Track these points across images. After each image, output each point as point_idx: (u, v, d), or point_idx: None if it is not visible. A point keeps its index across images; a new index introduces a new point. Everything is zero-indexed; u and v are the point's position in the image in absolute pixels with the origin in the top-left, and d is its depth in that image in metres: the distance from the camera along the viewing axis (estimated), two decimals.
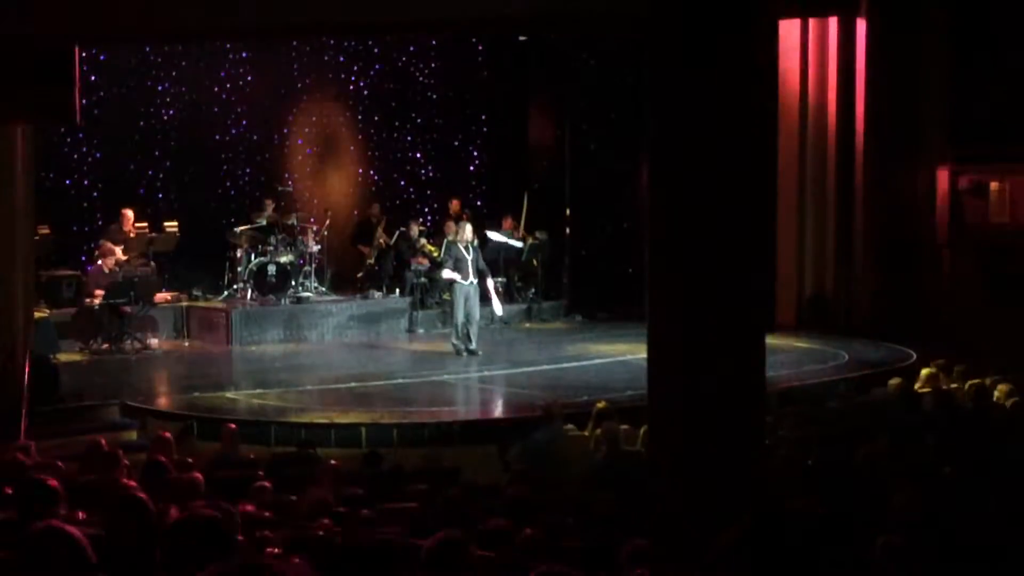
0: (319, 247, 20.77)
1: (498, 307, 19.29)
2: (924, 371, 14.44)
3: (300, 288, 20.28)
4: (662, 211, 7.78)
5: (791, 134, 21.02)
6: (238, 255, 20.20)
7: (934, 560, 7.00)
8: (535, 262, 22.10)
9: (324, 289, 20.85)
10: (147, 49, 20.69)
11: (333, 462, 11.08)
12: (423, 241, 21.50)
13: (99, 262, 18.64)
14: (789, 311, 21.03)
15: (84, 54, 19.46)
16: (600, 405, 12.64)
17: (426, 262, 21.12)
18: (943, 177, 20.58)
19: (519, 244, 21.62)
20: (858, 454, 10.36)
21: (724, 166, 7.52)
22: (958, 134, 20.36)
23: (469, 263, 18.00)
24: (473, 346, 18.03)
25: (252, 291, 19.84)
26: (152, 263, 19.55)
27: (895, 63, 20.41)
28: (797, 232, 21.07)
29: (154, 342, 18.54)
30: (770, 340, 9.73)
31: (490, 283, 18.76)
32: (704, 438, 7.67)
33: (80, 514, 7.56)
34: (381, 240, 21.64)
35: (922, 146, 20.52)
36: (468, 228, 18.43)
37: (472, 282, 18.05)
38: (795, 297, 21.12)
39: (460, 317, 17.97)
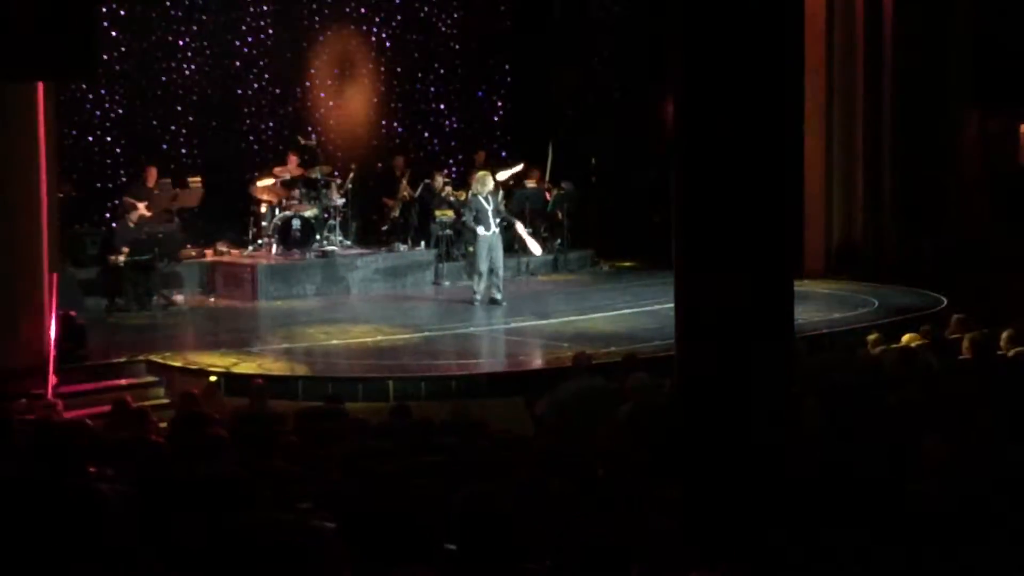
0: (343, 200, 20.70)
1: (535, 247, 19.73)
2: (954, 318, 14.31)
3: (325, 242, 20.23)
4: (688, 159, 7.68)
5: (818, 79, 20.84)
6: (262, 210, 20.16)
7: (966, 507, 6.93)
8: (560, 213, 22.00)
9: (349, 242, 20.79)
10: (167, 3, 20.62)
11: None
12: (448, 189, 21.40)
13: (123, 219, 18.64)
14: (818, 258, 20.92)
15: (104, 9, 19.47)
16: (624, 355, 12.58)
17: (451, 213, 21.05)
18: (972, 121, 20.38)
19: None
20: (889, 401, 10.28)
21: (752, 114, 7.42)
22: (986, 78, 20.15)
23: (490, 213, 17.99)
24: (499, 296, 18.04)
25: (277, 245, 19.81)
26: (176, 219, 19.53)
27: (923, 6, 20.20)
28: (825, 178, 20.93)
29: (179, 298, 18.53)
30: (799, 287, 9.67)
31: (519, 227, 19.15)
32: (732, 387, 7.60)
33: (109, 471, 7.55)
34: (405, 192, 21.57)
35: (950, 90, 20.33)
36: (489, 179, 18.39)
37: (494, 232, 18.07)
38: (823, 244, 21.01)
39: (483, 267, 17.99)
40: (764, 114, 7.53)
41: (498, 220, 18.23)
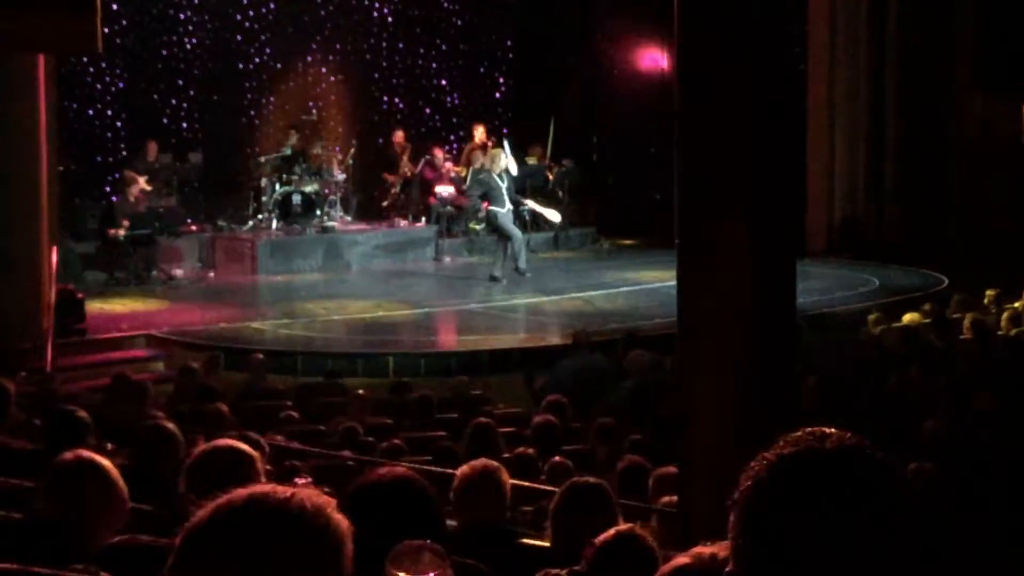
0: (344, 176, 20.65)
1: (553, 215, 20.12)
2: (955, 298, 14.32)
3: (326, 217, 20.18)
4: (690, 133, 7.64)
5: (821, 58, 20.78)
6: (263, 185, 20.11)
7: (965, 487, 6.93)
8: (561, 191, 21.95)
9: (350, 218, 20.75)
10: None
11: (360, 392, 11.05)
12: (449, 165, 21.34)
13: (124, 192, 18.61)
14: (820, 237, 20.89)
15: None
16: (623, 332, 12.60)
17: (452, 190, 20.99)
18: (974, 101, 20.32)
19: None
20: (889, 381, 10.27)
21: (754, 86, 7.37)
22: (989, 57, 20.09)
23: (504, 191, 17.94)
24: (499, 274, 18.01)
25: (277, 221, 19.76)
26: (176, 193, 19.50)
27: None
28: (828, 157, 20.89)
29: (179, 272, 18.51)
30: (800, 266, 9.64)
31: (531, 204, 19.64)
32: (733, 365, 7.56)
33: (108, 445, 7.54)
34: (406, 168, 21.52)
35: (954, 69, 20.26)
36: (502, 157, 18.32)
37: (510, 208, 18.05)
38: (826, 222, 20.97)
39: (518, 235, 18.01)
40: (767, 85, 7.49)
41: (511, 198, 18.19)
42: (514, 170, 18.97)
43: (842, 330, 14.12)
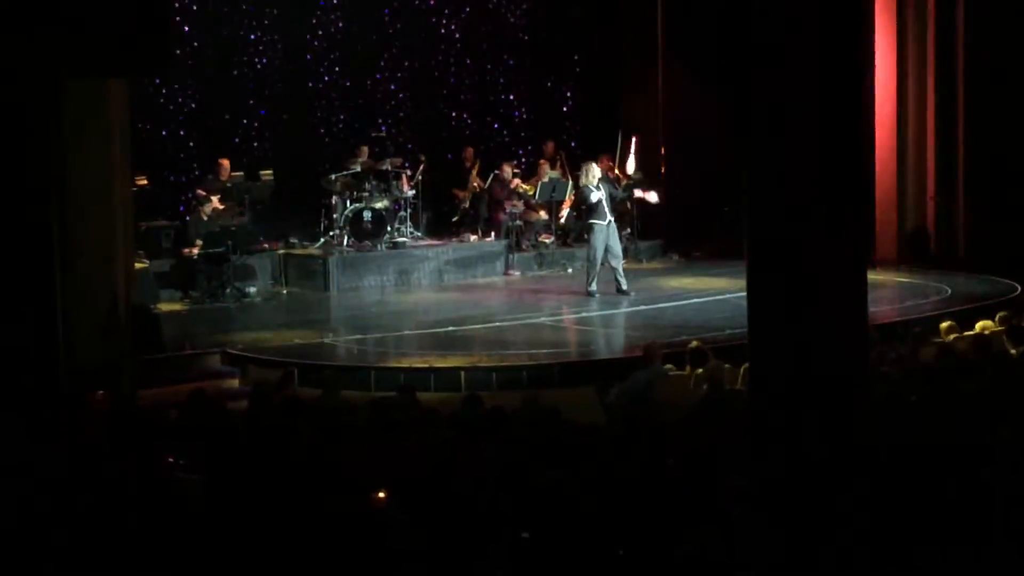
0: (414, 192, 20.78)
1: (652, 196, 20.08)
2: None
3: (396, 233, 20.32)
4: (760, 142, 7.67)
5: (889, 63, 20.68)
6: (333, 202, 20.28)
7: None
8: (630, 202, 21.92)
9: (420, 234, 20.87)
10: None
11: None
12: (517, 181, 21.44)
13: (197, 211, 18.83)
14: (890, 246, 20.76)
15: (177, 4, 19.68)
16: (694, 344, 12.58)
17: (521, 204, 21.09)
18: None
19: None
20: (962, 388, 10.21)
21: (823, 95, 7.40)
22: None
23: (604, 202, 17.91)
24: (625, 285, 17.99)
25: (348, 237, 19.92)
26: (248, 212, 19.70)
27: None
28: (896, 164, 20.76)
29: (253, 290, 18.69)
30: (871, 275, 9.63)
31: (638, 192, 20.06)
32: (806, 376, 7.58)
33: (186, 461, 7.66)
34: (475, 183, 21.62)
35: (1022, 73, 20.10)
36: (596, 168, 18.28)
37: (611, 220, 18.01)
38: (895, 231, 20.84)
39: (599, 258, 17.89)
40: (836, 92, 7.50)
41: (612, 208, 18.13)
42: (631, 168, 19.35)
43: (914, 339, 14.01)
